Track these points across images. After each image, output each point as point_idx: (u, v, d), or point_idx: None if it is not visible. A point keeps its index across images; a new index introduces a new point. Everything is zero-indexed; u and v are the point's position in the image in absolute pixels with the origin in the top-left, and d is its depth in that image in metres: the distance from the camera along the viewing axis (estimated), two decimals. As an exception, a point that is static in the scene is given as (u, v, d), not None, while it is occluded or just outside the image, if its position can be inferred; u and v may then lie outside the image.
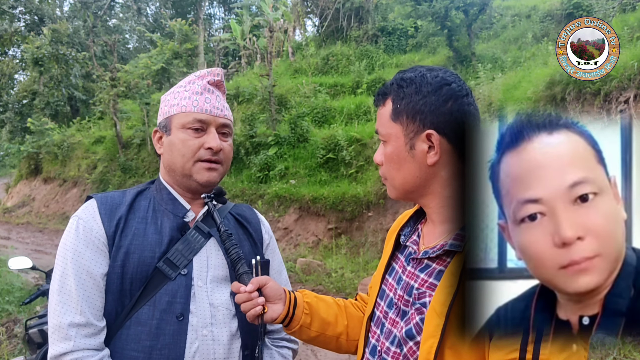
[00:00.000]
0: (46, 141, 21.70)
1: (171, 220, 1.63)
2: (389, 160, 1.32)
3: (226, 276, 1.65)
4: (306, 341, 1.61)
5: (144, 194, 1.69)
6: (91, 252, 1.53)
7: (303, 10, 21.47)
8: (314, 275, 9.14)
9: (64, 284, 1.50)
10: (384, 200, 10.24)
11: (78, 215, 1.59)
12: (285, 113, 14.81)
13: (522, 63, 12.69)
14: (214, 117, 1.64)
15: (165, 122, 1.66)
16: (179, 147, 1.62)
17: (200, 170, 1.63)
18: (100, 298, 1.52)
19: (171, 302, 1.54)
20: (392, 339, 1.32)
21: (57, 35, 22.74)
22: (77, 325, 1.47)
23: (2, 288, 7.72)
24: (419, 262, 1.32)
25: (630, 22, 9.68)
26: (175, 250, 1.58)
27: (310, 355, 5.78)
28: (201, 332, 1.55)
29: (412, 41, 18.43)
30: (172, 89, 1.72)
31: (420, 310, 1.24)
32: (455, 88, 1.25)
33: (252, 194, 12.77)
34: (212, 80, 1.70)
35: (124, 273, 1.53)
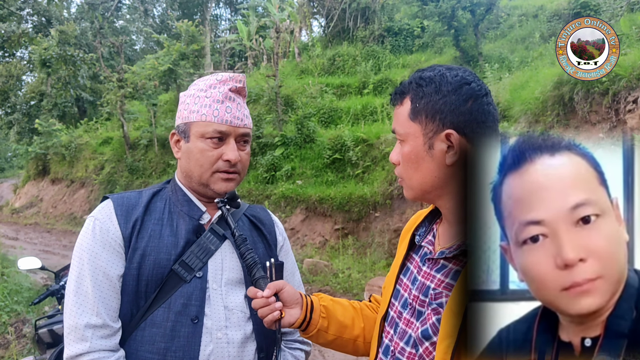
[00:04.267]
0: (54, 142, 21.80)
1: (187, 223, 1.63)
2: (407, 160, 1.30)
3: (241, 279, 1.65)
4: (323, 345, 1.60)
5: (160, 194, 1.70)
6: (107, 253, 1.54)
7: (309, 10, 21.45)
8: (320, 276, 9.14)
9: (81, 284, 1.51)
10: (390, 200, 10.23)
11: (94, 216, 1.60)
12: (291, 113, 14.82)
13: (529, 63, 12.64)
14: (234, 128, 1.63)
15: (185, 128, 1.65)
16: (197, 156, 1.61)
17: (217, 180, 1.63)
18: (116, 299, 1.54)
19: (186, 305, 1.55)
20: (407, 339, 1.31)
21: (65, 36, 22.82)
22: (94, 327, 1.48)
23: (11, 288, 7.75)
24: (435, 262, 1.32)
25: (638, 22, 9.63)
26: (191, 252, 1.59)
27: (317, 356, 5.79)
28: (216, 334, 1.56)
29: (419, 41, 18.38)
30: (192, 90, 1.69)
31: (436, 311, 1.24)
32: (475, 87, 1.24)
33: (259, 195, 12.78)
34: (234, 87, 1.67)
35: (139, 275, 1.54)
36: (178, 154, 1.69)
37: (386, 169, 10.94)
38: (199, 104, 1.63)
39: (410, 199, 1.36)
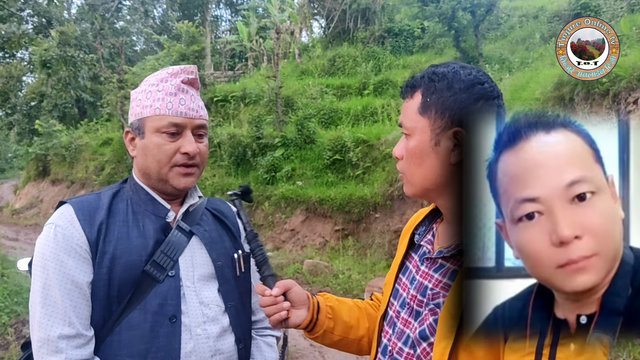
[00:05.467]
0: (54, 143, 21.78)
1: (154, 222, 1.60)
2: (411, 155, 1.28)
3: (212, 273, 1.64)
4: (328, 345, 1.60)
5: (120, 195, 1.65)
6: (74, 260, 1.48)
7: (309, 11, 21.47)
8: (321, 277, 9.13)
9: (48, 295, 1.46)
10: (390, 201, 10.23)
11: (54, 222, 1.53)
12: (291, 114, 14.82)
13: (529, 64, 12.66)
14: (190, 120, 1.59)
15: (139, 124, 1.60)
16: (154, 152, 1.58)
17: (176, 175, 1.60)
18: (87, 307, 1.50)
19: (162, 305, 1.53)
20: (404, 340, 1.31)
21: (65, 37, 22.81)
22: (67, 337, 1.44)
23: (10, 289, 7.72)
24: (433, 261, 1.31)
25: (639, 23, 9.64)
26: (161, 252, 1.56)
27: (317, 357, 5.78)
28: (195, 331, 1.55)
29: (419, 42, 18.39)
30: (143, 86, 1.65)
31: (434, 311, 1.24)
32: (487, 88, 1.23)
33: (259, 196, 12.77)
34: (186, 78, 1.63)
35: (111, 279, 1.50)
36: (134, 152, 1.64)
37: (386, 170, 10.93)
38: (151, 98, 1.59)
39: (410, 195, 1.35)
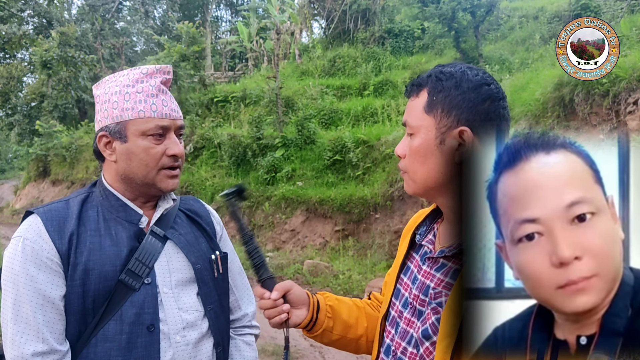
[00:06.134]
0: (54, 143, 21.77)
1: (127, 229, 1.55)
2: (415, 153, 1.28)
3: (191, 277, 1.61)
4: (326, 344, 1.61)
5: (89, 201, 1.59)
6: (44, 274, 1.44)
7: (310, 12, 21.47)
8: (321, 277, 9.14)
9: (19, 312, 1.42)
10: (391, 202, 10.23)
11: (22, 235, 1.47)
12: (292, 115, 14.82)
13: (529, 64, 12.66)
14: (174, 121, 1.57)
15: (119, 128, 1.53)
16: (141, 156, 1.52)
17: (164, 178, 1.56)
18: (61, 321, 1.46)
19: (139, 314, 1.49)
20: (408, 339, 1.31)
21: (65, 38, 22.80)
22: (41, 354, 1.40)
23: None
24: (435, 261, 1.31)
25: (639, 23, 9.64)
26: (135, 259, 1.51)
27: (318, 357, 5.78)
28: (174, 338, 1.52)
29: (419, 43, 18.39)
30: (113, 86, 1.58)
31: (436, 310, 1.24)
32: (493, 89, 1.24)
33: (259, 196, 12.77)
34: (164, 79, 1.59)
35: (85, 291, 1.45)
36: (112, 156, 1.56)
37: (387, 170, 10.94)
38: (131, 100, 1.52)
39: (411, 194, 1.35)
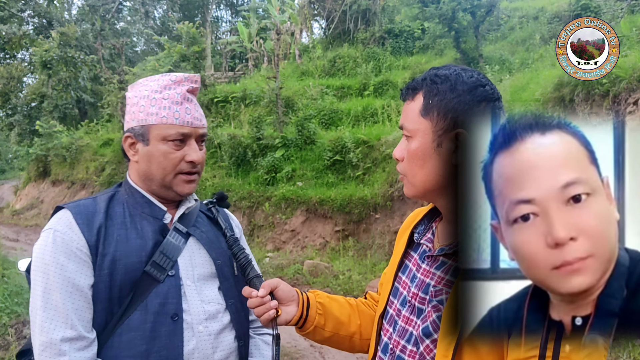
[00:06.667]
0: (54, 144, 21.77)
1: (152, 224, 1.63)
2: (413, 157, 1.28)
3: (212, 272, 1.68)
4: (319, 342, 1.61)
5: (115, 199, 1.67)
6: (74, 264, 1.50)
7: (310, 12, 21.48)
8: (321, 278, 9.13)
9: (49, 299, 1.48)
10: (391, 202, 10.22)
11: (53, 227, 1.55)
12: (292, 115, 14.82)
13: (529, 65, 12.66)
14: (195, 129, 1.64)
15: (142, 131, 1.62)
16: (159, 159, 1.61)
17: (180, 182, 1.64)
18: (89, 310, 1.51)
19: (163, 304, 1.55)
20: (407, 337, 1.31)
21: (66, 38, 22.80)
22: (70, 340, 1.45)
23: (11, 290, 7.73)
24: (435, 259, 1.32)
25: (639, 24, 9.64)
26: (160, 252, 1.58)
27: (317, 357, 5.78)
28: (197, 328, 1.58)
29: (419, 43, 18.39)
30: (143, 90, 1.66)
31: (437, 308, 1.24)
32: (488, 90, 1.24)
33: (259, 196, 12.77)
34: (191, 87, 1.67)
35: (112, 281, 1.52)
36: (135, 157, 1.66)
37: (387, 170, 10.93)
38: (156, 106, 1.61)
39: (410, 197, 1.35)
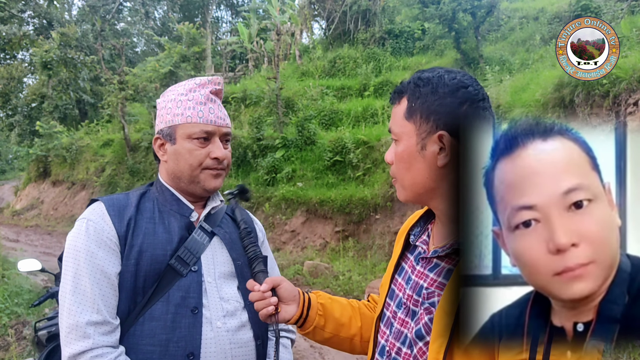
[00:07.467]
0: (55, 144, 21.80)
1: (178, 220, 1.72)
2: (400, 160, 1.30)
3: (232, 272, 1.74)
4: (320, 342, 1.63)
5: (147, 195, 1.77)
6: (104, 252, 1.59)
7: (310, 13, 21.48)
8: (321, 278, 9.14)
9: (78, 284, 1.55)
10: (391, 203, 10.23)
11: (86, 217, 1.64)
12: (292, 116, 14.83)
13: (530, 65, 12.64)
14: (218, 127, 1.72)
15: (170, 131, 1.72)
16: (186, 156, 1.70)
17: (207, 177, 1.72)
18: (115, 297, 1.59)
19: (185, 297, 1.62)
20: (402, 340, 1.32)
21: (66, 39, 22.80)
22: (95, 324, 1.52)
23: (11, 290, 7.75)
24: (429, 261, 1.32)
25: (639, 24, 9.63)
26: (185, 248, 1.66)
27: (317, 358, 5.78)
28: (215, 323, 1.63)
29: (419, 44, 18.40)
30: (170, 95, 1.77)
31: (429, 310, 1.24)
32: (471, 91, 1.24)
33: (260, 197, 12.77)
34: (214, 89, 1.76)
35: (137, 271, 1.60)
36: (164, 157, 1.77)
37: (387, 171, 10.92)
38: (182, 107, 1.71)
39: (403, 201, 1.36)
